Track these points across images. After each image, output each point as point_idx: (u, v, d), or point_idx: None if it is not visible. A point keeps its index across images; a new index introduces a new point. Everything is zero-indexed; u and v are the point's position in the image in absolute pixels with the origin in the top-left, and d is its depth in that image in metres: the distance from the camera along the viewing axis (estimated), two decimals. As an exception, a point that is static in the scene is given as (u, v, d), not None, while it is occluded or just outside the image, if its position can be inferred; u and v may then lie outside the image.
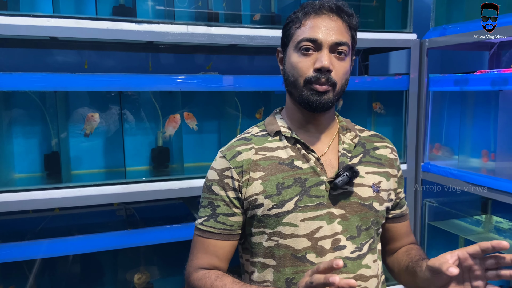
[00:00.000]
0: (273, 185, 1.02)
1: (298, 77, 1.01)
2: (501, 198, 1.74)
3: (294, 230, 1.01)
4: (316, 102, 1.00)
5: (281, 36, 1.09)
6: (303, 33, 1.00)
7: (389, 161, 1.14)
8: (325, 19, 1.00)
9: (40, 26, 1.52)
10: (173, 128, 1.82)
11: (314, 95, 0.99)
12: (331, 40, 0.99)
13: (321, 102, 1.00)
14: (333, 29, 0.99)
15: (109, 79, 1.65)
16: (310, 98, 1.00)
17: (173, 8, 1.81)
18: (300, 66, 1.00)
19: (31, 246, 1.63)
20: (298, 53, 1.01)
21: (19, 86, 1.56)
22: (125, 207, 2.02)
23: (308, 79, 0.99)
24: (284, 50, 1.08)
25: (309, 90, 1.00)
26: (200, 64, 2.17)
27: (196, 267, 1.07)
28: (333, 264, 0.80)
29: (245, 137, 1.11)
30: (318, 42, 0.99)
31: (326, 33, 0.99)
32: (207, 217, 1.07)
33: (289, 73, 1.04)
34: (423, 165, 2.11)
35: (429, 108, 2.09)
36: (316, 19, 1.00)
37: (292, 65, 1.02)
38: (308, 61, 1.00)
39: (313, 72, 0.99)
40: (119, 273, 1.96)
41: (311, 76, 0.99)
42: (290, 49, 1.04)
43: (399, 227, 1.20)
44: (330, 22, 1.00)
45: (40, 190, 1.59)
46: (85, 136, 1.79)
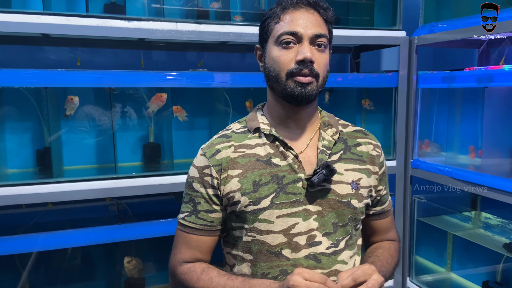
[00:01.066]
0: (249, 183, 1.04)
1: (280, 71, 1.02)
2: (487, 194, 1.76)
3: (269, 226, 1.03)
4: (302, 94, 1.00)
5: (259, 33, 1.10)
6: (282, 27, 1.01)
7: (370, 157, 1.14)
8: (303, 13, 1.02)
9: (31, 23, 1.54)
10: (156, 106, 1.85)
11: (299, 86, 1.00)
12: (311, 33, 1.00)
13: (306, 94, 1.00)
14: (311, 22, 1.01)
15: (100, 76, 1.68)
16: (294, 90, 1.00)
17: (162, 5, 1.83)
18: (282, 60, 1.01)
19: (24, 239, 1.66)
20: (279, 47, 1.02)
21: (10, 82, 1.59)
22: (117, 202, 2.05)
23: (290, 71, 1.00)
24: (263, 47, 1.09)
25: (292, 82, 1.00)
26: (192, 61, 2.19)
27: (180, 261, 1.10)
28: None
29: (226, 134, 1.12)
30: (298, 34, 1.00)
31: (305, 26, 1.00)
32: (189, 212, 1.10)
33: (270, 67, 1.04)
34: (412, 161, 2.13)
35: (418, 105, 2.11)
36: (295, 13, 1.02)
37: (274, 59, 1.03)
38: (290, 54, 1.01)
39: (295, 64, 1.00)
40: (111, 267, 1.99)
41: (293, 68, 1.00)
42: (270, 44, 1.05)
43: (379, 224, 1.21)
44: (308, 15, 1.02)
45: (31, 185, 1.62)
46: (64, 116, 1.81)
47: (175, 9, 1.86)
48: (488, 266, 2.06)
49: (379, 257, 1.12)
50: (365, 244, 1.25)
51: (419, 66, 2.13)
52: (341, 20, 2.15)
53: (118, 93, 1.86)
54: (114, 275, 1.97)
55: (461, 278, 2.19)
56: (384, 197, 1.20)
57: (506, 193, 1.67)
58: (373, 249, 1.19)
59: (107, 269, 2.03)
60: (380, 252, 1.15)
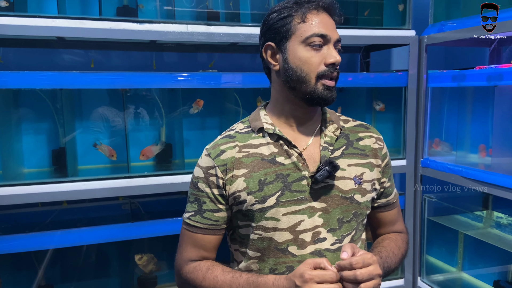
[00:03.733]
0: (255, 182, 1.06)
1: (309, 72, 1.03)
2: (498, 193, 1.75)
3: (276, 224, 1.05)
4: (330, 97, 1.05)
5: (271, 30, 1.08)
6: (311, 29, 1.03)
7: (373, 151, 1.15)
8: (325, 16, 1.05)
9: (46, 26, 1.59)
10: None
11: (327, 90, 1.04)
12: (336, 37, 1.04)
13: (333, 98, 1.05)
14: (333, 26, 1.05)
15: (113, 77, 1.72)
16: (324, 93, 1.04)
17: (173, 8, 1.86)
18: (313, 61, 1.03)
19: (41, 237, 1.71)
20: (307, 47, 1.03)
21: (27, 84, 1.64)
22: (130, 201, 2.09)
23: (320, 73, 1.03)
24: (279, 45, 1.07)
25: (321, 85, 1.04)
26: (203, 62, 2.22)
27: (187, 260, 1.12)
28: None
29: (230, 134, 1.14)
30: (327, 38, 1.03)
31: (331, 29, 1.04)
32: (194, 212, 1.12)
33: (296, 68, 1.04)
34: (423, 160, 2.13)
35: (428, 104, 2.11)
36: (320, 15, 1.04)
37: (302, 60, 1.03)
38: (320, 56, 1.03)
39: (326, 67, 1.03)
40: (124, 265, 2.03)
41: (324, 71, 1.03)
42: (294, 43, 1.04)
43: (384, 216, 1.22)
44: (330, 19, 1.06)
45: (47, 184, 1.66)
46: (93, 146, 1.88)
47: (185, 11, 1.89)
48: (500, 266, 2.04)
49: (385, 247, 1.14)
50: (372, 237, 1.27)
51: (430, 65, 2.12)
52: (351, 20, 2.16)
53: (130, 94, 1.90)
54: (128, 273, 2.01)
55: (472, 278, 2.18)
56: (388, 189, 1.20)
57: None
58: (380, 240, 1.20)
59: (120, 266, 2.07)
60: (387, 243, 1.16)
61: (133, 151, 1.94)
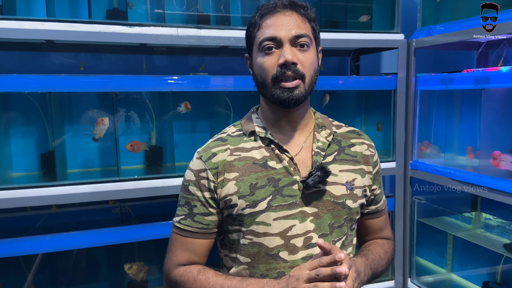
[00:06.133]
0: (246, 186, 1.05)
1: (265, 77, 1.04)
2: (486, 195, 1.77)
3: (267, 229, 1.05)
4: (289, 98, 1.02)
5: (246, 42, 1.12)
6: (262, 34, 1.03)
7: (364, 157, 1.16)
8: (280, 17, 1.03)
9: (36, 29, 1.58)
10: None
11: (285, 91, 1.02)
12: (290, 35, 1.02)
13: (293, 98, 1.02)
14: (290, 24, 1.03)
15: (103, 80, 1.71)
16: (281, 95, 1.02)
17: (164, 11, 1.86)
18: (266, 66, 1.03)
19: (29, 241, 1.69)
20: (262, 53, 1.04)
21: (15, 88, 1.62)
22: (120, 205, 2.08)
23: (274, 76, 1.02)
24: (250, 55, 1.11)
25: (278, 88, 1.02)
26: (193, 65, 2.22)
27: (176, 264, 1.11)
28: (336, 258, 0.91)
29: (221, 137, 1.14)
30: (277, 39, 1.02)
31: (284, 29, 1.02)
32: (185, 215, 1.11)
33: (257, 74, 1.06)
34: (412, 163, 2.14)
35: (417, 107, 2.13)
36: (272, 18, 1.04)
37: (259, 66, 1.05)
38: (272, 59, 1.02)
39: (278, 68, 1.01)
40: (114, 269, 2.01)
41: (277, 73, 1.02)
42: (254, 51, 1.07)
43: (373, 223, 1.23)
44: (286, 18, 1.03)
45: (36, 188, 1.65)
46: (93, 140, 1.84)
47: (176, 15, 1.89)
48: (488, 267, 2.06)
49: (371, 251, 1.15)
50: (359, 243, 1.27)
51: (419, 69, 2.15)
52: (340, 23, 2.17)
53: (121, 97, 1.89)
54: (118, 277, 1.99)
55: (461, 279, 2.20)
56: (378, 196, 1.21)
57: (505, 194, 1.69)
58: (367, 244, 1.21)
59: (110, 271, 2.05)
60: (373, 247, 1.17)
61: (123, 154, 1.93)
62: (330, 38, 1.96)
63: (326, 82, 2.00)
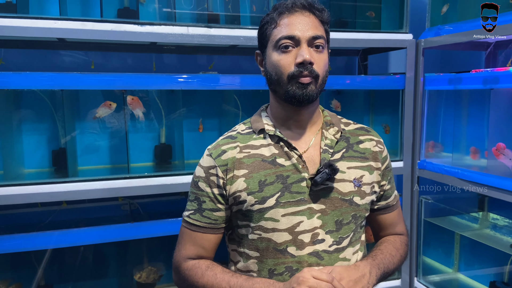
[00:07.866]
0: (255, 182, 1.07)
1: (281, 74, 1.05)
2: (494, 195, 1.77)
3: (275, 224, 1.07)
4: (303, 94, 1.04)
5: (258, 39, 1.14)
6: (280, 32, 1.05)
7: (373, 154, 1.17)
8: (299, 16, 1.05)
9: (48, 28, 1.60)
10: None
11: (300, 88, 1.03)
12: (308, 35, 1.04)
13: (307, 94, 1.04)
14: (308, 24, 1.04)
15: (113, 79, 1.73)
16: (296, 92, 1.04)
17: (174, 10, 1.88)
18: (282, 63, 1.04)
19: (40, 237, 1.71)
20: (278, 51, 1.05)
21: (28, 85, 1.65)
22: (129, 202, 2.10)
23: (291, 74, 1.04)
24: (263, 52, 1.13)
25: (294, 85, 1.04)
26: (203, 64, 2.24)
27: (185, 257, 1.14)
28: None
29: (231, 135, 1.16)
30: (296, 38, 1.03)
31: (302, 29, 1.04)
32: (194, 211, 1.14)
33: (271, 72, 1.08)
34: (419, 162, 2.15)
35: (425, 107, 2.13)
36: (291, 17, 1.05)
37: (274, 63, 1.06)
38: (289, 57, 1.04)
39: (295, 67, 1.03)
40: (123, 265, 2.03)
41: (294, 71, 1.03)
42: (269, 49, 1.08)
43: (384, 218, 1.24)
44: (304, 18, 1.05)
45: (47, 184, 1.67)
46: (93, 118, 1.86)
47: (186, 14, 1.91)
48: (496, 267, 2.06)
49: (381, 250, 1.16)
50: (374, 239, 1.30)
51: (427, 69, 2.15)
52: (349, 23, 2.18)
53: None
54: (127, 273, 2.01)
55: (468, 279, 2.20)
56: (388, 191, 1.22)
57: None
58: (378, 243, 1.23)
59: (119, 267, 2.08)
60: (384, 246, 1.18)
61: (133, 152, 1.95)
62: (339, 38, 1.97)
63: (334, 82, 2.01)
